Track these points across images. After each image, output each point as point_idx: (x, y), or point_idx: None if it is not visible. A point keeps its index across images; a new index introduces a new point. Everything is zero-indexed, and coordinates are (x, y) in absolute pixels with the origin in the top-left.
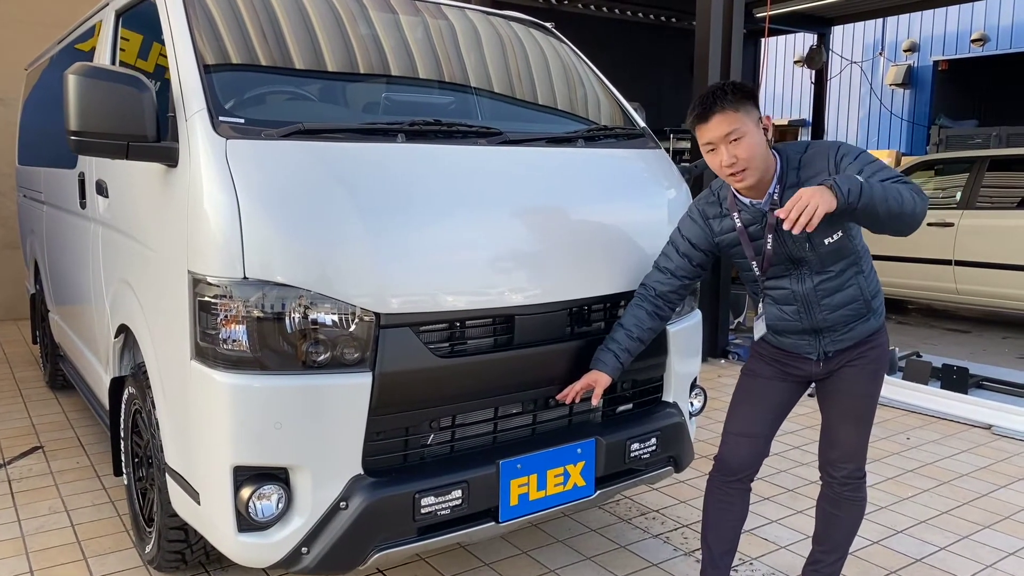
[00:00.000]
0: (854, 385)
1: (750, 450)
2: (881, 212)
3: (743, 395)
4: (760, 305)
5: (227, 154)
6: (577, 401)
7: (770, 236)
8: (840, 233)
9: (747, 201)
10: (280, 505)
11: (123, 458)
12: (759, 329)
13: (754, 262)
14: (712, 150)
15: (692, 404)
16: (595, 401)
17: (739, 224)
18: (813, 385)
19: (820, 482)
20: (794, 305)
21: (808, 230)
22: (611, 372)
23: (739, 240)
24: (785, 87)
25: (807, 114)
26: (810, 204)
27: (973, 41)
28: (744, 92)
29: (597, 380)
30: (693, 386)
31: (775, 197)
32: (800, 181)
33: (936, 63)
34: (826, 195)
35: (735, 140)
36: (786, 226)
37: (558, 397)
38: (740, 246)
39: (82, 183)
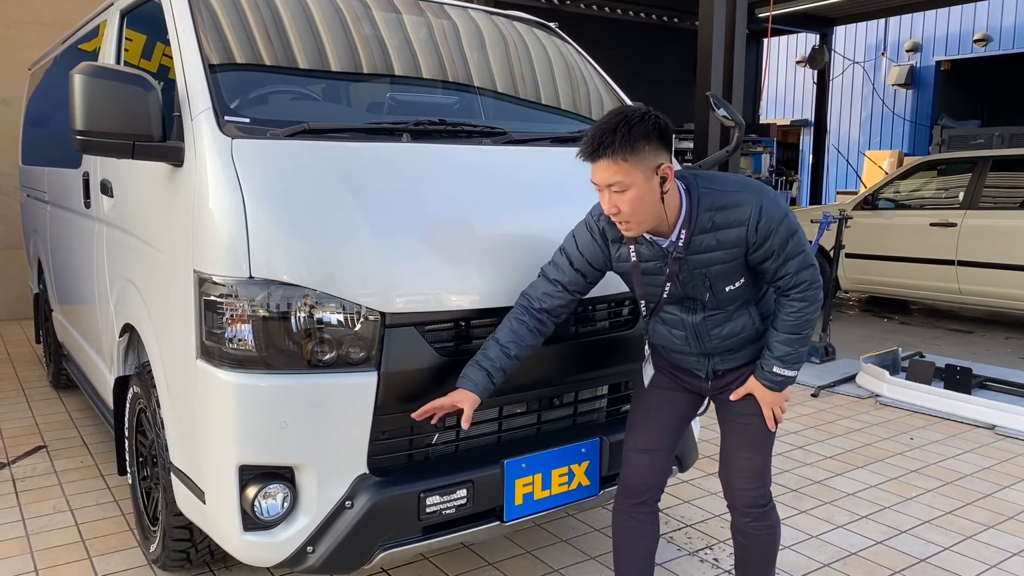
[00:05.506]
0: (745, 405)
1: (652, 467)
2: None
3: (641, 408)
4: (646, 342)
5: (232, 153)
6: (434, 422)
7: (668, 284)
8: (743, 280)
9: (647, 236)
10: (285, 504)
11: (127, 457)
12: (647, 373)
13: (642, 301)
14: (598, 190)
15: None
16: (465, 425)
17: (634, 258)
18: (707, 400)
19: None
20: (683, 332)
21: (780, 417)
22: (481, 393)
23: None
24: (787, 87)
25: (809, 114)
26: (778, 411)
27: (976, 41)
28: (644, 132)
29: (464, 400)
30: None
31: (679, 244)
32: (714, 227)
33: (938, 63)
34: (780, 396)
35: (618, 192)
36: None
37: (413, 415)
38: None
39: (86, 183)
